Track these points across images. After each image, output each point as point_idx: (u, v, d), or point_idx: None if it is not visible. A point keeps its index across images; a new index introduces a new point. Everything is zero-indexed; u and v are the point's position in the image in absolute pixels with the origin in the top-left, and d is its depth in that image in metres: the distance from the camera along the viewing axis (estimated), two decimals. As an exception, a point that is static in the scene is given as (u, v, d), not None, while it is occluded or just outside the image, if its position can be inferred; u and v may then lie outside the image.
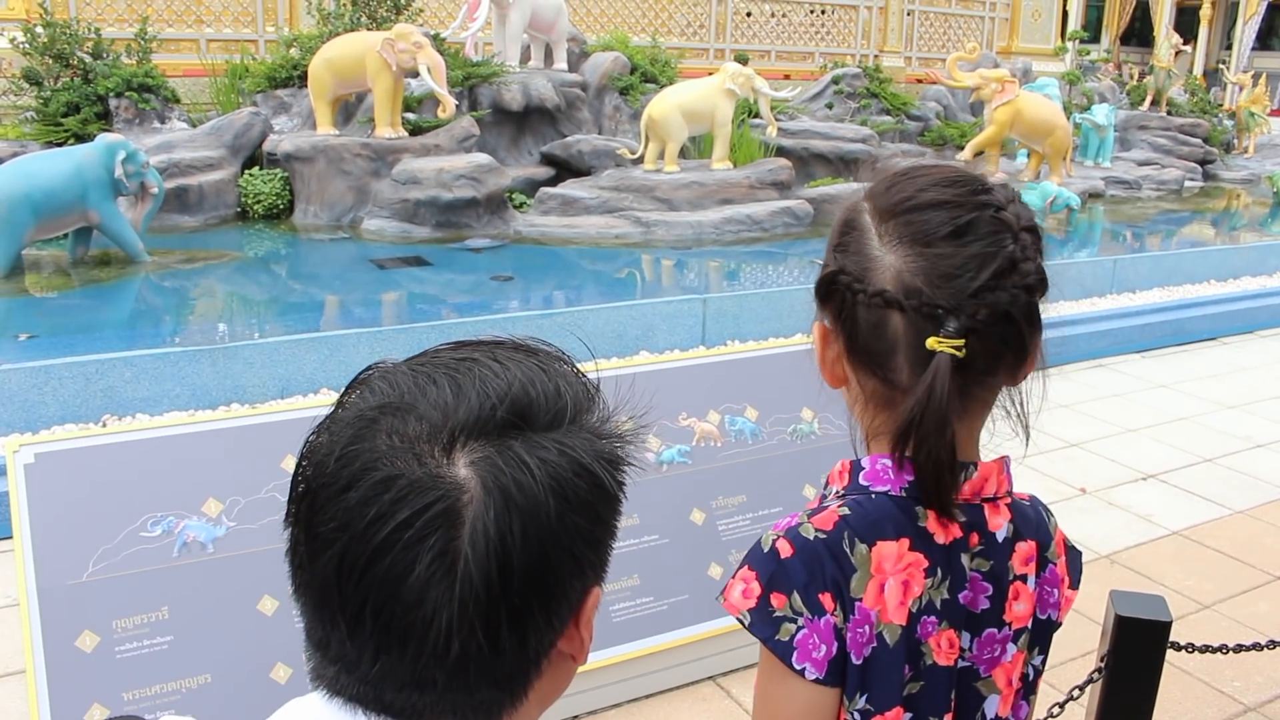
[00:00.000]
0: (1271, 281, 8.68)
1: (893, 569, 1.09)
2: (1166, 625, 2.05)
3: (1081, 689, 2.19)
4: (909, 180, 1.10)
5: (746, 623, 1.09)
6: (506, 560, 0.69)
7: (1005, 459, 1.17)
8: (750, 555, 1.13)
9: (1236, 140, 16.15)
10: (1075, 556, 1.27)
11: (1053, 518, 1.25)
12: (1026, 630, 1.18)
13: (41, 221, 6.17)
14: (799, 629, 1.07)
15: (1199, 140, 14.55)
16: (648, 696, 3.06)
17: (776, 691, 1.10)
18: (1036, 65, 14.87)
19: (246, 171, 8.35)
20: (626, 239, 8.24)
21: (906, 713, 1.11)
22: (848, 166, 10.41)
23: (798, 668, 1.07)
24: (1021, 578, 1.17)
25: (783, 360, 3.41)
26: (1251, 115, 16.08)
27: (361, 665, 0.71)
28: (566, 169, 9.33)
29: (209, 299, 6.38)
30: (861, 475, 1.14)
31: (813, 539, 1.10)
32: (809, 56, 14.23)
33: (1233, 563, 4.11)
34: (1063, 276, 7.41)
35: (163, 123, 8.51)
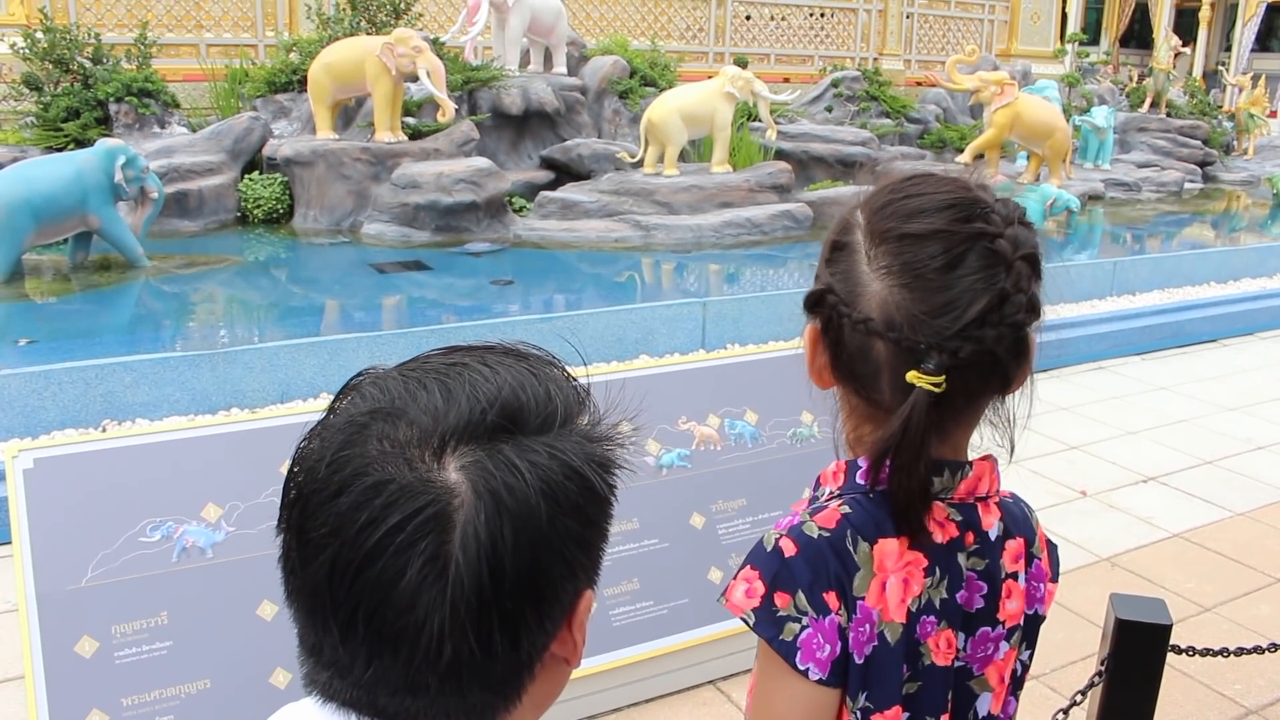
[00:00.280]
0: (1271, 283, 8.68)
1: (894, 566, 1.09)
2: (1167, 628, 2.05)
3: (1083, 694, 2.18)
4: (904, 201, 1.07)
5: (750, 622, 1.08)
6: (498, 564, 0.69)
7: (993, 458, 1.17)
8: (752, 555, 1.12)
9: (1236, 142, 16.16)
10: (1054, 549, 1.27)
11: (1034, 513, 1.25)
12: (1019, 628, 1.19)
13: (41, 226, 6.18)
14: (803, 629, 1.06)
15: (1198, 142, 14.56)
16: (647, 701, 3.06)
17: (778, 692, 1.09)
18: (1036, 68, 14.88)
19: (246, 176, 8.35)
20: (626, 243, 8.24)
21: (905, 712, 1.11)
22: (847, 169, 10.42)
23: (801, 668, 1.06)
24: (1013, 575, 1.17)
25: (783, 364, 3.40)
26: (1251, 117, 16.10)
27: (354, 670, 0.71)
28: (566, 173, 9.34)
29: (209, 304, 6.38)
30: (858, 474, 1.13)
31: (816, 537, 1.09)
32: (808, 59, 14.24)
33: (1233, 565, 4.10)
34: (1063, 279, 7.40)
35: (163, 127, 8.52)
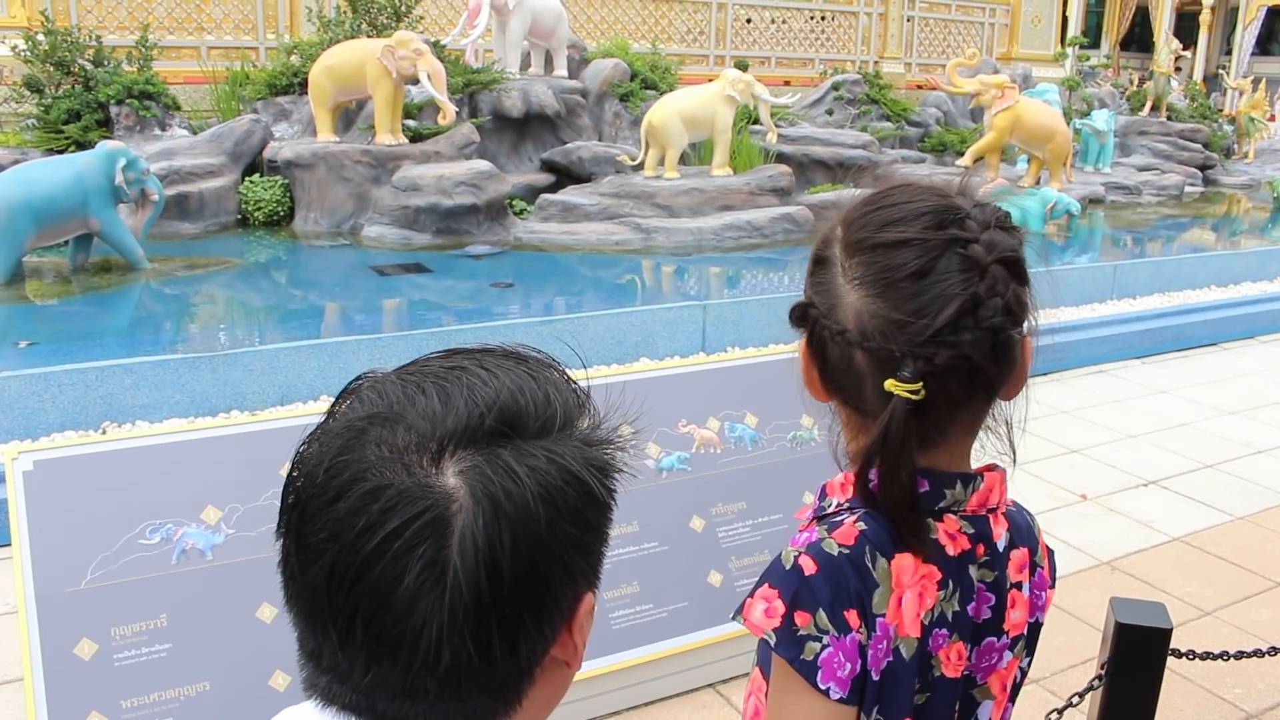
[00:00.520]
0: (1272, 287, 8.67)
1: (910, 581, 1.08)
2: (1167, 632, 2.05)
3: (1081, 695, 2.18)
4: (878, 212, 1.08)
5: (772, 643, 1.07)
6: (496, 569, 0.68)
7: (1002, 469, 1.17)
8: (770, 572, 1.10)
9: (1236, 145, 16.17)
10: (1051, 555, 1.27)
11: (1035, 521, 1.25)
12: (1022, 637, 1.19)
13: (42, 228, 6.19)
14: (824, 647, 1.05)
15: (1199, 145, 14.56)
16: (647, 704, 3.05)
17: (797, 711, 1.07)
18: (1036, 71, 14.90)
19: (247, 178, 8.36)
20: (627, 245, 8.24)
21: None
22: (848, 173, 10.41)
23: (822, 687, 1.05)
24: (1017, 585, 1.17)
25: (783, 367, 3.39)
26: (1251, 121, 16.11)
27: (353, 675, 0.71)
28: (567, 175, 9.34)
29: (209, 306, 6.39)
30: (870, 488, 1.12)
31: (836, 554, 1.08)
32: (809, 63, 14.25)
33: (1234, 569, 4.10)
34: (1063, 282, 7.41)
35: (163, 130, 8.53)
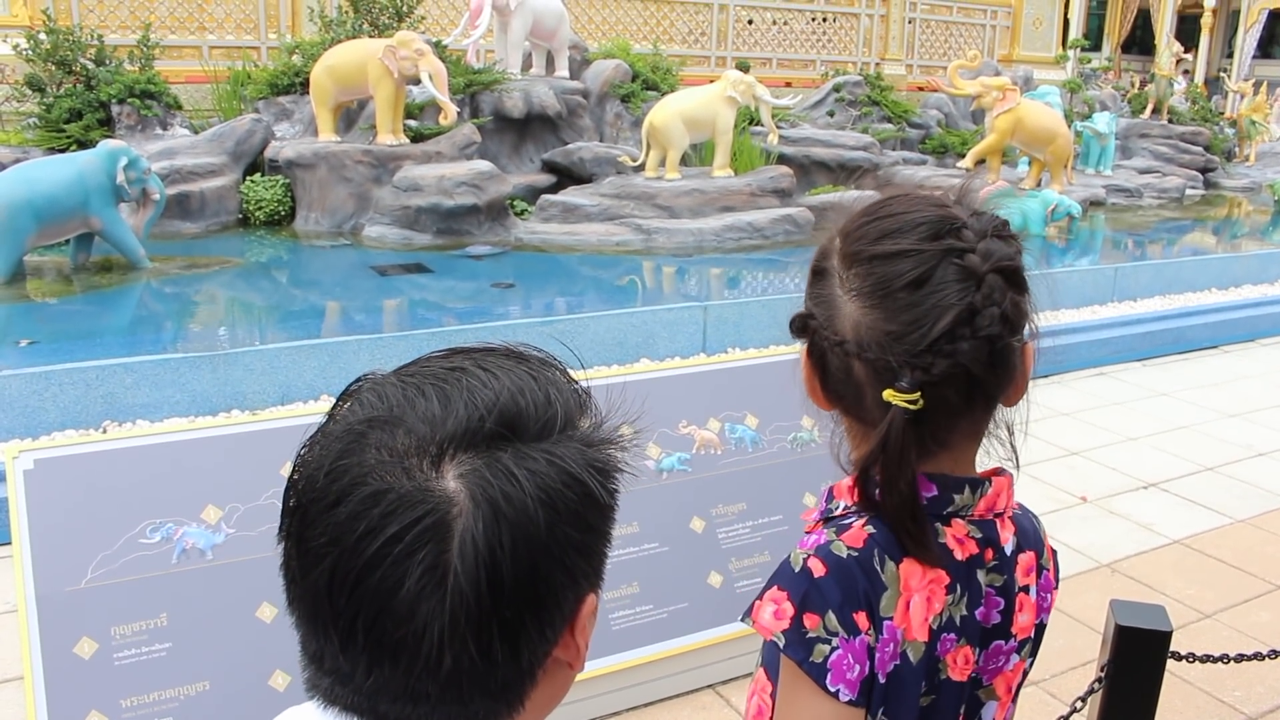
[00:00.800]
0: (1272, 290, 8.67)
1: (918, 585, 1.08)
2: (1167, 635, 2.05)
3: (1084, 700, 2.18)
4: (875, 224, 1.09)
5: (781, 645, 1.07)
6: (496, 572, 0.68)
7: (1009, 474, 1.17)
8: (779, 575, 1.11)
9: (1237, 148, 16.17)
10: (1055, 557, 1.27)
11: (1040, 524, 1.26)
12: (1029, 640, 1.19)
13: (43, 227, 6.19)
14: (833, 650, 1.05)
15: (1200, 148, 14.56)
16: (647, 705, 3.05)
17: (806, 714, 1.07)
18: (1038, 73, 14.90)
19: (248, 178, 8.36)
20: (627, 246, 8.24)
21: None
22: (849, 174, 10.43)
23: (831, 690, 1.05)
24: (1024, 589, 1.17)
25: (783, 368, 3.40)
26: (1253, 123, 16.11)
27: (355, 678, 0.71)
28: (568, 176, 9.35)
29: (210, 305, 6.39)
30: (876, 493, 1.12)
31: (845, 557, 1.08)
32: (810, 64, 14.25)
33: (1234, 572, 4.10)
34: (1064, 284, 7.41)
35: (165, 129, 8.53)
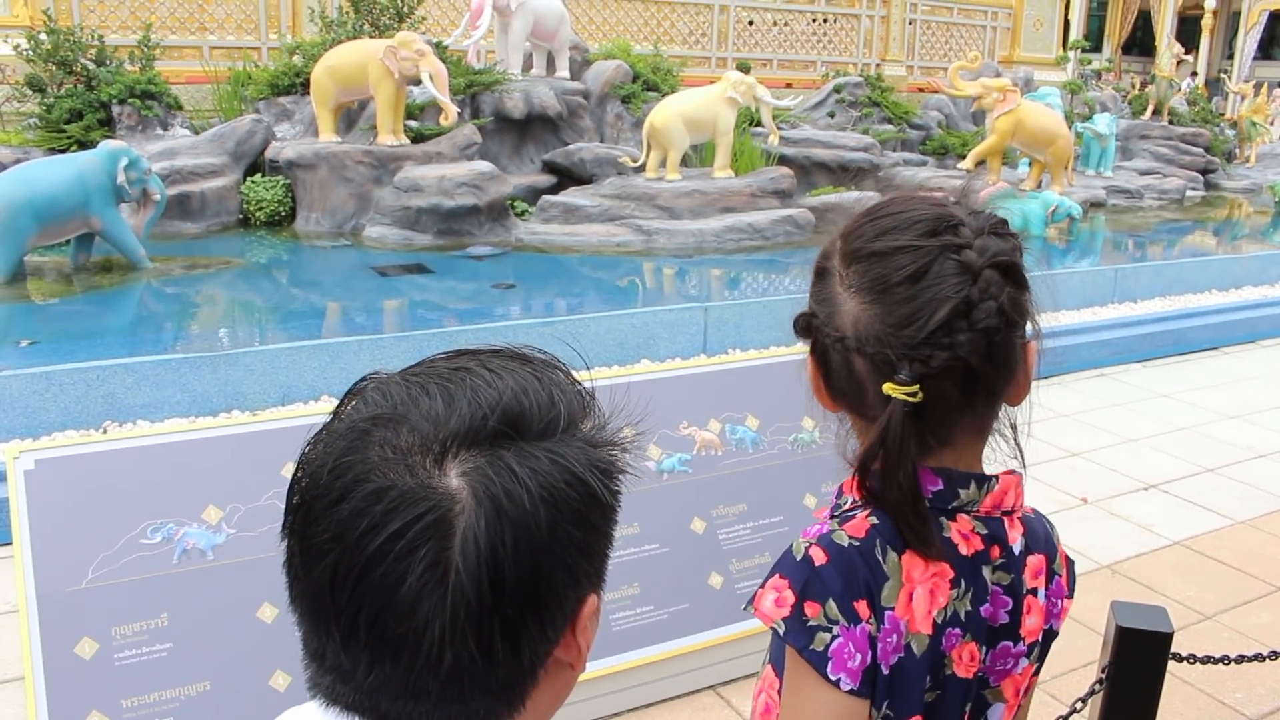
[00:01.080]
0: (1273, 291, 8.67)
1: (921, 577, 1.09)
2: (1168, 636, 2.04)
3: (1084, 701, 2.18)
4: (874, 222, 1.11)
5: (781, 632, 1.08)
6: (498, 570, 0.68)
7: (1018, 473, 1.18)
8: (781, 563, 1.12)
9: (1238, 150, 16.17)
10: (1071, 565, 1.27)
11: (1055, 530, 1.26)
12: (1037, 644, 1.19)
13: (44, 227, 6.19)
14: (834, 638, 1.06)
15: (1200, 149, 14.57)
16: (647, 706, 3.05)
17: (808, 703, 1.08)
18: (1038, 74, 14.90)
19: (249, 178, 8.36)
20: (628, 247, 8.24)
21: None
22: (850, 175, 10.43)
23: (832, 678, 1.05)
24: (1033, 591, 1.17)
25: (784, 369, 3.40)
26: (1253, 125, 16.11)
27: (357, 675, 0.71)
28: (568, 177, 9.35)
29: (210, 305, 6.39)
30: (876, 486, 1.13)
31: (847, 545, 1.09)
32: (811, 65, 14.25)
33: (1234, 573, 4.09)
34: (1064, 286, 7.40)
35: (165, 129, 8.53)
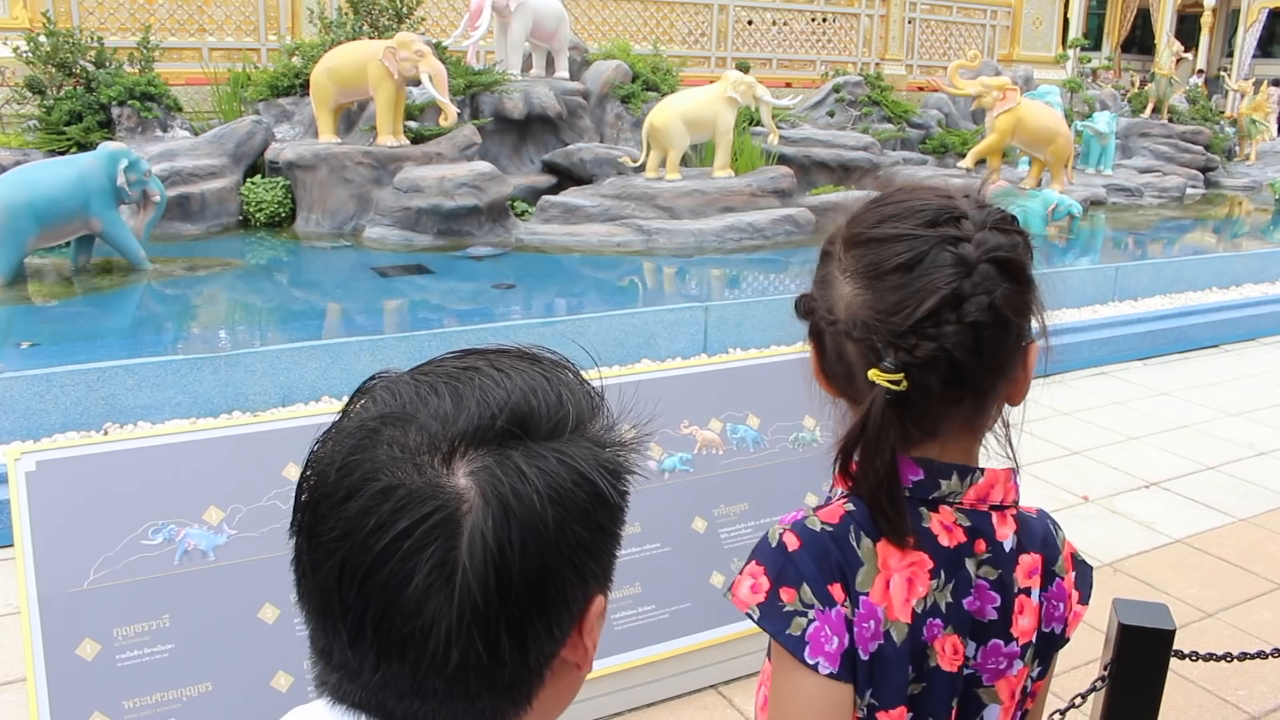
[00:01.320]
0: (1273, 289, 8.67)
1: (897, 565, 1.09)
2: (1170, 633, 2.04)
3: (1084, 697, 2.18)
4: (878, 209, 1.12)
5: (755, 617, 1.08)
6: (505, 570, 0.68)
7: (1011, 470, 1.17)
8: (757, 550, 1.13)
9: (1238, 147, 16.17)
10: (1085, 571, 1.24)
11: (1061, 531, 1.24)
12: (1031, 645, 1.17)
13: (44, 229, 6.19)
14: (810, 622, 1.06)
15: (1200, 148, 14.56)
16: (649, 705, 3.05)
17: (790, 689, 1.08)
18: (1038, 73, 14.90)
19: (248, 180, 8.37)
20: (628, 247, 8.24)
21: (910, 712, 1.11)
22: (849, 174, 10.43)
23: (810, 662, 1.06)
24: (1025, 591, 1.16)
25: (785, 368, 3.40)
26: (1253, 122, 16.11)
27: (363, 673, 0.71)
28: (568, 177, 9.35)
29: (211, 307, 6.39)
30: (854, 469, 1.13)
31: (819, 530, 1.10)
32: (810, 64, 14.25)
33: (1236, 571, 4.09)
34: (1064, 284, 7.41)
35: (165, 131, 8.54)
